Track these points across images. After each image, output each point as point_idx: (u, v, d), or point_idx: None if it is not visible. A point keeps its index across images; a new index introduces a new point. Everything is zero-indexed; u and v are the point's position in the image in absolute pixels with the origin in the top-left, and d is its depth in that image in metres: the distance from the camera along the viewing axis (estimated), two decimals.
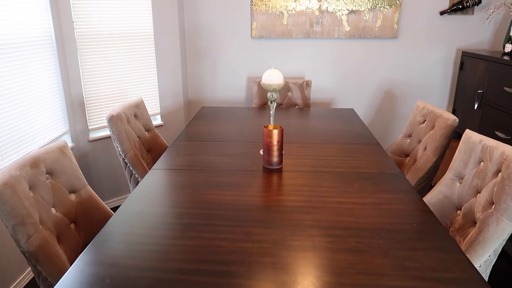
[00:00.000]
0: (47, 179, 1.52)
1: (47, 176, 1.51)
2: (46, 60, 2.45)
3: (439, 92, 3.39)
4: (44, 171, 1.50)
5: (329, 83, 3.44)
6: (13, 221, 1.27)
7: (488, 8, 3.15)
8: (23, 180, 1.36)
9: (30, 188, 1.40)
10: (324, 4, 3.21)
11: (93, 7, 2.68)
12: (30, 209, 1.33)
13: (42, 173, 1.48)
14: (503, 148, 1.51)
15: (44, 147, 1.56)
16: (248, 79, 3.47)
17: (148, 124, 2.52)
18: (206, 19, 3.32)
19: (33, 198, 1.39)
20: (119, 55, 2.88)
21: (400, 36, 3.28)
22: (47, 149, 1.56)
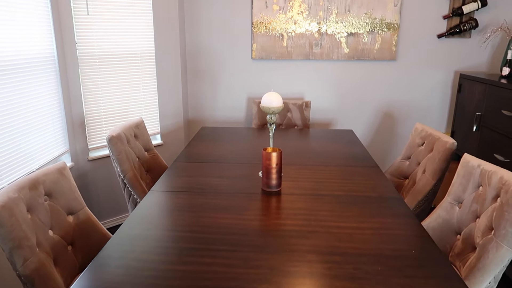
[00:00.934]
0: (46, 200, 1.51)
1: (45, 198, 1.51)
2: (47, 80, 2.47)
3: (438, 113, 3.42)
4: (42, 193, 1.50)
5: (328, 104, 3.46)
6: (10, 244, 1.26)
7: (485, 32, 3.20)
8: (21, 202, 1.36)
9: (28, 210, 1.40)
10: (324, 26, 3.26)
11: (96, 28, 2.72)
12: (28, 232, 1.33)
13: (41, 194, 1.48)
14: (501, 173, 1.51)
15: (43, 169, 1.56)
16: (248, 99, 3.50)
17: (148, 144, 2.53)
18: (207, 40, 3.37)
19: (30, 220, 1.38)
20: (120, 75, 2.91)
21: (399, 58, 3.32)
22: (46, 171, 1.56)
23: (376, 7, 3.19)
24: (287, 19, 3.27)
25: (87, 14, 2.67)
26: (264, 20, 3.28)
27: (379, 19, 3.22)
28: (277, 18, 3.27)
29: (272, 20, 3.28)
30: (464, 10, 3.09)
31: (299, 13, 3.25)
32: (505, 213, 1.39)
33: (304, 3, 3.22)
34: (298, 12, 3.25)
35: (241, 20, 3.31)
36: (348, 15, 3.22)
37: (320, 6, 3.22)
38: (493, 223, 1.44)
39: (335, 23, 3.25)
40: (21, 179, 1.43)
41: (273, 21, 3.28)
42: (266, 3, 3.24)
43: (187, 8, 3.31)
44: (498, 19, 3.16)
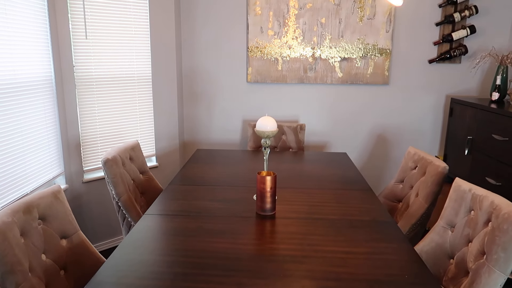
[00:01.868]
0: (39, 224, 1.51)
1: (39, 222, 1.51)
2: (44, 102, 2.50)
3: (430, 137, 3.46)
4: (36, 217, 1.49)
5: (322, 127, 3.51)
6: (2, 269, 1.26)
7: (475, 58, 3.28)
8: (15, 227, 1.35)
9: (22, 234, 1.40)
10: (317, 51, 3.33)
11: (94, 51, 2.77)
12: (20, 257, 1.32)
13: (35, 218, 1.48)
14: (492, 197, 1.53)
15: (38, 192, 1.56)
16: (243, 122, 3.53)
17: (143, 167, 2.54)
18: (203, 63, 3.43)
19: (24, 244, 1.38)
20: (116, 97, 2.94)
21: (391, 83, 3.39)
22: (40, 194, 1.56)
23: (368, 33, 3.28)
24: (282, 44, 3.34)
25: (86, 38, 2.72)
26: (259, 44, 3.35)
27: (372, 45, 3.30)
28: (272, 43, 3.34)
29: (267, 45, 3.35)
30: (453, 36, 3.18)
31: (294, 38, 3.32)
32: (496, 238, 1.41)
33: (299, 29, 3.30)
34: (293, 37, 3.32)
35: (237, 45, 3.38)
36: (342, 40, 3.30)
37: (314, 31, 3.30)
38: (485, 247, 1.45)
39: (328, 48, 3.32)
40: (15, 203, 1.43)
41: (268, 46, 3.35)
42: (261, 28, 3.32)
43: (184, 33, 3.38)
44: (487, 45, 3.25)
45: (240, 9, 3.31)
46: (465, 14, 3.13)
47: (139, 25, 2.96)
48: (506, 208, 1.44)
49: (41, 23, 2.44)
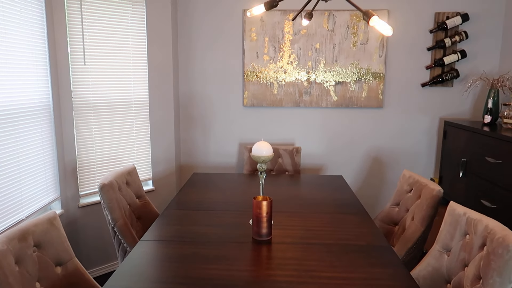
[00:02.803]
0: (34, 252, 1.50)
1: (34, 249, 1.50)
2: (41, 127, 2.51)
3: (425, 159, 3.49)
4: (31, 244, 1.49)
5: (318, 150, 3.53)
6: None
7: (466, 81, 3.35)
8: (10, 255, 1.35)
9: (16, 262, 1.39)
10: (312, 75, 3.39)
11: (92, 77, 2.81)
12: (14, 285, 1.31)
13: (30, 246, 1.48)
14: (486, 221, 1.54)
15: (33, 219, 1.56)
16: (239, 145, 3.55)
17: (140, 191, 2.54)
18: (199, 88, 3.47)
19: (18, 273, 1.37)
20: (114, 122, 2.97)
21: (385, 106, 3.44)
22: (36, 221, 1.56)
23: (362, 57, 3.35)
24: (278, 69, 3.40)
25: (84, 64, 2.77)
26: (255, 69, 3.40)
27: (365, 69, 3.36)
28: (267, 68, 3.40)
29: (263, 69, 3.40)
30: (445, 61, 3.25)
31: (289, 63, 3.39)
32: (491, 262, 1.41)
33: (294, 54, 3.37)
34: (288, 62, 3.39)
35: (233, 69, 3.44)
36: (336, 65, 3.37)
37: (309, 56, 3.37)
38: (481, 272, 1.45)
39: (323, 72, 3.38)
40: (10, 230, 1.43)
41: (264, 70, 3.41)
42: (257, 53, 3.38)
43: (181, 58, 3.44)
44: (478, 69, 3.32)
45: (236, 35, 3.39)
46: (455, 39, 3.21)
47: (137, 50, 3.02)
48: (501, 232, 1.45)
49: (40, 49, 2.48)
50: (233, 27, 3.38)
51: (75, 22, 2.68)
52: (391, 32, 1.40)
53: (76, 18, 2.68)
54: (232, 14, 3.36)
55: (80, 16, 2.70)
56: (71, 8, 2.65)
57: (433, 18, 3.30)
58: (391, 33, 1.40)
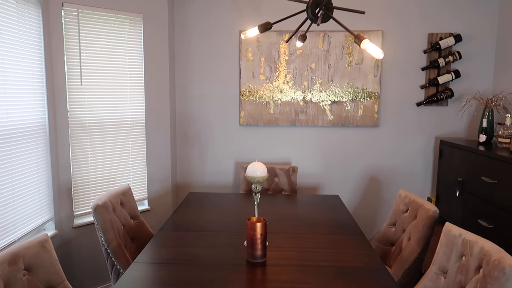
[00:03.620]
0: (25, 275, 1.48)
1: (24, 273, 1.48)
2: (37, 147, 2.51)
3: (422, 178, 3.49)
4: (22, 268, 1.47)
5: (314, 169, 3.53)
6: None
7: (461, 101, 3.37)
8: None
9: (6, 286, 1.36)
10: (308, 95, 3.41)
11: (88, 96, 2.82)
12: None
13: (20, 269, 1.45)
14: (482, 243, 1.53)
15: (24, 241, 1.54)
16: (235, 164, 3.55)
17: (134, 212, 2.52)
18: (196, 107, 3.49)
19: None
20: (109, 141, 2.97)
21: (381, 125, 3.45)
22: (27, 244, 1.54)
23: (357, 77, 3.38)
24: (274, 88, 3.42)
25: (81, 85, 2.78)
26: (251, 89, 3.43)
27: (361, 89, 3.39)
28: (264, 87, 3.43)
29: (259, 89, 3.43)
30: (439, 80, 3.28)
31: (285, 83, 3.42)
32: (488, 285, 1.40)
33: (289, 74, 3.40)
34: (284, 81, 3.41)
35: (230, 89, 3.46)
36: (331, 84, 3.40)
37: (305, 76, 3.40)
38: None
39: (319, 91, 3.41)
40: (1, 254, 1.41)
41: (260, 90, 3.43)
42: (253, 73, 3.41)
43: (178, 77, 3.46)
44: (472, 88, 3.35)
45: (232, 55, 3.42)
46: (449, 59, 3.25)
47: (134, 70, 3.04)
48: (496, 254, 1.44)
49: (37, 70, 2.50)
50: (229, 47, 3.42)
51: (73, 43, 2.71)
52: (382, 55, 1.41)
53: (73, 39, 2.71)
54: (228, 35, 3.41)
55: (77, 37, 2.73)
56: (68, 29, 2.68)
57: (427, 38, 3.34)
58: (382, 56, 1.42)
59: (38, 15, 2.50)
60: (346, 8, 1.58)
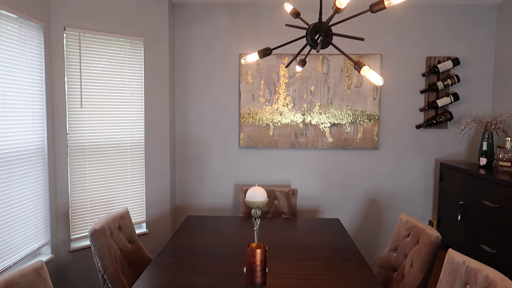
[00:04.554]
0: None
1: None
2: (35, 170, 2.49)
3: (422, 201, 3.46)
4: None
5: (314, 191, 3.50)
6: None
7: (460, 123, 3.38)
8: None
9: None
10: (308, 117, 3.42)
11: (88, 119, 2.82)
12: None
13: None
14: (486, 271, 1.50)
15: (19, 269, 1.51)
16: (235, 186, 3.53)
17: (132, 236, 2.48)
18: (195, 129, 3.49)
19: None
20: (108, 164, 2.95)
21: (381, 147, 3.45)
22: (22, 271, 1.51)
23: (356, 100, 3.39)
24: (273, 111, 3.43)
25: (81, 107, 2.79)
26: (251, 111, 3.44)
27: (360, 111, 3.40)
28: (263, 110, 3.43)
29: (258, 111, 3.44)
30: (438, 103, 3.29)
31: (284, 105, 3.43)
32: None
33: (289, 96, 3.42)
34: (284, 104, 3.43)
35: (229, 111, 3.47)
36: (331, 107, 3.41)
37: (304, 99, 3.41)
38: None
39: (318, 114, 3.42)
40: None
41: (259, 112, 3.44)
42: (253, 95, 3.43)
43: (178, 100, 3.48)
44: (471, 111, 3.37)
45: (232, 78, 3.45)
46: (447, 82, 3.28)
47: (134, 92, 3.05)
48: (501, 283, 1.41)
49: (37, 93, 2.50)
50: (229, 70, 3.45)
51: (74, 66, 2.73)
52: (382, 82, 1.42)
53: (74, 62, 2.73)
54: (228, 57, 3.44)
55: (78, 59, 2.75)
56: (70, 52, 2.71)
57: (425, 62, 3.38)
58: (381, 83, 1.42)
59: (40, 38, 2.52)
60: (345, 35, 1.60)
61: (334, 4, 1.33)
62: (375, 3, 1.53)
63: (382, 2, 1.52)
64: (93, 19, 2.79)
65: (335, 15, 1.42)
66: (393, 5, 1.61)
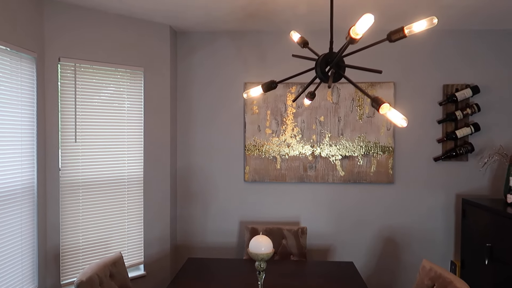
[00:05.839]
0: None
1: None
2: (22, 211, 2.30)
3: (443, 240, 3.19)
4: None
5: (325, 229, 3.25)
6: None
7: (482, 155, 3.14)
8: None
9: None
10: (317, 149, 3.21)
11: (82, 154, 2.65)
12: None
13: None
14: None
15: None
16: (240, 223, 3.29)
17: (125, 283, 2.26)
18: (198, 162, 3.29)
19: None
20: (104, 202, 2.75)
21: (397, 181, 3.21)
22: None
23: (369, 130, 3.18)
24: (280, 142, 3.23)
25: (75, 141, 2.62)
26: (257, 143, 3.24)
27: (373, 143, 3.18)
28: (270, 141, 3.24)
29: (265, 143, 3.24)
30: (458, 134, 3.07)
31: (292, 137, 3.23)
32: None
33: (297, 127, 3.22)
34: (291, 135, 3.23)
35: (234, 143, 3.28)
36: (342, 138, 3.20)
37: (313, 129, 3.21)
38: None
39: (328, 146, 3.21)
40: None
41: (266, 144, 3.24)
42: (259, 126, 3.24)
43: (180, 131, 3.30)
44: (494, 143, 3.13)
45: (237, 108, 3.27)
46: (467, 112, 3.06)
47: (133, 123, 2.89)
48: None
49: (28, 128, 2.34)
50: (234, 99, 3.27)
51: (68, 98, 2.58)
52: (406, 122, 1.21)
53: (69, 94, 2.58)
54: (233, 87, 3.27)
55: (73, 91, 2.60)
56: (64, 84, 2.56)
57: (442, 90, 3.17)
58: (405, 124, 1.22)
59: (32, 70, 2.38)
60: (360, 67, 1.41)
61: (348, 33, 1.15)
62: (394, 32, 1.35)
63: (401, 30, 1.33)
64: (90, 49, 2.66)
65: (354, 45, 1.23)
66: (415, 33, 1.43)
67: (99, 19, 2.70)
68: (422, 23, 1.31)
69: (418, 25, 1.32)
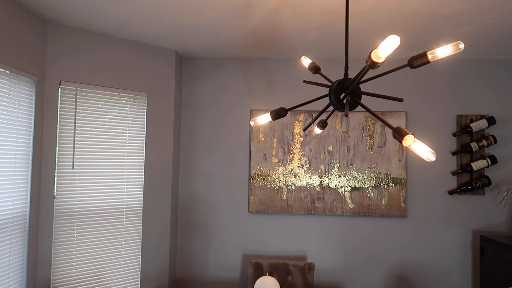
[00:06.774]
0: None
1: None
2: (12, 242, 2.16)
3: (460, 278, 2.98)
4: None
5: (334, 264, 3.06)
6: None
7: (500, 189, 2.98)
8: None
9: None
10: (325, 180, 3.07)
11: (79, 181, 2.52)
12: None
13: None
14: None
15: None
16: (243, 256, 3.11)
17: None
18: (201, 191, 3.15)
19: None
20: (100, 231, 2.60)
21: (409, 215, 3.04)
22: None
23: (379, 161, 3.05)
24: (287, 172, 3.10)
25: (72, 168, 2.50)
26: (262, 172, 3.11)
27: (384, 174, 3.04)
28: (276, 171, 3.10)
29: (271, 173, 3.11)
30: (473, 167, 2.92)
31: (299, 166, 3.10)
32: None
33: (304, 156, 3.09)
34: (298, 165, 3.10)
35: (238, 172, 3.14)
36: (351, 169, 3.06)
37: (321, 159, 3.08)
38: None
39: (337, 176, 3.07)
40: None
41: (272, 174, 3.11)
42: (264, 155, 3.11)
43: (182, 159, 3.18)
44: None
45: (242, 136, 3.15)
46: (483, 143, 2.93)
47: (133, 150, 2.77)
48: None
49: (23, 153, 2.23)
50: (239, 127, 3.17)
51: (67, 123, 2.48)
52: (434, 156, 1.08)
53: (68, 119, 2.48)
54: (238, 114, 3.17)
55: (73, 116, 2.50)
56: (64, 108, 2.46)
57: (455, 120, 3.05)
58: (433, 158, 1.09)
59: (31, 93, 2.29)
60: (380, 95, 1.29)
61: (370, 57, 1.04)
62: (415, 57, 1.24)
63: (424, 55, 1.22)
64: (92, 73, 2.58)
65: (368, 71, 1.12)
66: (439, 59, 1.32)
67: (103, 43, 2.64)
68: (447, 48, 1.20)
69: (442, 50, 1.21)
